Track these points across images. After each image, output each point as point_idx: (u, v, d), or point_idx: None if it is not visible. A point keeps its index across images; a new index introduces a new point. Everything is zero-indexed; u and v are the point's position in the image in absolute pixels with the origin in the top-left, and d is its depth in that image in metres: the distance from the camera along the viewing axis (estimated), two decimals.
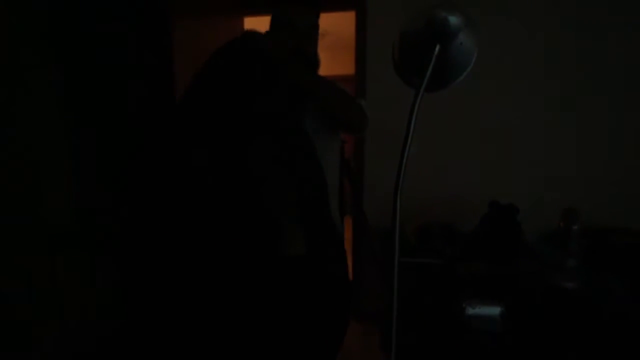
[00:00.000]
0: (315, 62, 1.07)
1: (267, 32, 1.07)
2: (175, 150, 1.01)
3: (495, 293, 1.10)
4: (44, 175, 1.37)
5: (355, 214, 2.28)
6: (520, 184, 2.03)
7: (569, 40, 1.92)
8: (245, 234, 1.00)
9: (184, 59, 1.46)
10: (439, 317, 0.96)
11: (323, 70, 1.11)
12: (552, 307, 1.04)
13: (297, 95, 0.98)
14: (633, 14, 1.87)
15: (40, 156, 1.36)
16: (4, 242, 1.23)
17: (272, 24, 1.09)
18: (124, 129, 1.57)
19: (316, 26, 1.07)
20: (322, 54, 1.13)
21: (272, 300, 1.05)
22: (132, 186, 1.56)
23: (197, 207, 0.99)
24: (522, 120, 2.01)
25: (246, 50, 0.93)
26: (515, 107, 2.01)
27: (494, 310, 0.91)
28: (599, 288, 1.16)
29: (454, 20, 0.46)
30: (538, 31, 1.93)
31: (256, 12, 2.04)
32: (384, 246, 1.57)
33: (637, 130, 1.95)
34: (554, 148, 2.01)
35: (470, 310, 0.89)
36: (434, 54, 0.48)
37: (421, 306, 1.03)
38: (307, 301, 1.03)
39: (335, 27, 2.84)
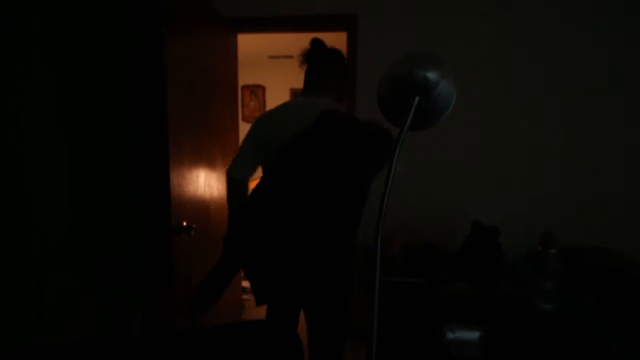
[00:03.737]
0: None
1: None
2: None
3: (476, 315, 1.14)
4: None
5: None
6: (503, 203, 2.09)
7: (552, 59, 2.01)
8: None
9: (177, 75, 1.48)
10: (420, 340, 0.99)
11: None
12: (531, 330, 1.07)
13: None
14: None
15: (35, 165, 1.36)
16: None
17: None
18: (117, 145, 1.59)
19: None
20: None
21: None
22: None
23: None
24: (506, 140, 2.08)
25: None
26: (499, 128, 2.08)
27: (473, 335, 0.94)
28: (576, 310, 1.21)
29: (432, 76, 0.49)
30: (522, 48, 2.01)
31: (250, 29, 2.08)
32: (367, 263, 1.59)
33: (617, 149, 2.03)
34: (537, 168, 2.08)
35: (450, 335, 0.92)
36: (414, 104, 0.52)
37: (403, 327, 1.06)
38: None
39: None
